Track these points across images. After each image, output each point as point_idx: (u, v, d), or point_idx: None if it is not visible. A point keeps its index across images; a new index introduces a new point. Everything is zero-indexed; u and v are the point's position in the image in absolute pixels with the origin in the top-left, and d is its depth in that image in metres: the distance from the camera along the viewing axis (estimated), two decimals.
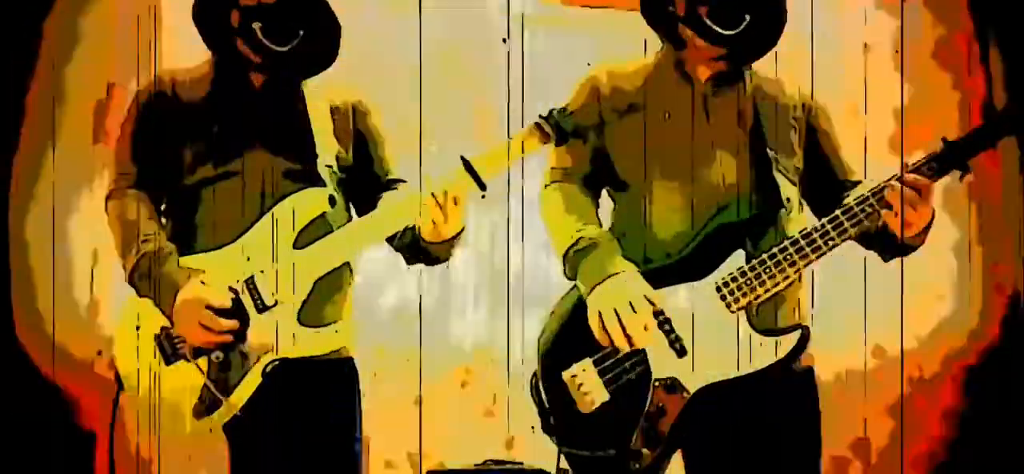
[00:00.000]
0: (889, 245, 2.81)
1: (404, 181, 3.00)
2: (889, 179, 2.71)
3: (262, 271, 2.80)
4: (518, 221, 4.09)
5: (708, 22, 2.75)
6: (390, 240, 2.94)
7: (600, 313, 2.72)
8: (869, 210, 2.71)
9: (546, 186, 2.93)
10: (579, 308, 2.78)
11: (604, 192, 2.96)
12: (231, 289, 2.79)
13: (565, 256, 2.83)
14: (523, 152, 2.77)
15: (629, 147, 2.85)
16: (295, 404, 2.85)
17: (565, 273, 2.84)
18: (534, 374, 2.83)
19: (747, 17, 2.75)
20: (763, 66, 2.90)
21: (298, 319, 2.80)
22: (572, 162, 2.89)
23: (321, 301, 2.85)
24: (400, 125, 3.09)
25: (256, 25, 2.80)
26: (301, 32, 2.81)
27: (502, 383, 4.21)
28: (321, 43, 2.86)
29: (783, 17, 2.80)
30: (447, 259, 2.95)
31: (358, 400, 2.98)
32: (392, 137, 3.04)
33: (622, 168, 2.86)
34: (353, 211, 3.01)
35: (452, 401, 4.24)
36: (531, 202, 3.08)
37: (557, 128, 2.75)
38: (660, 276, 2.76)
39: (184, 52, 3.07)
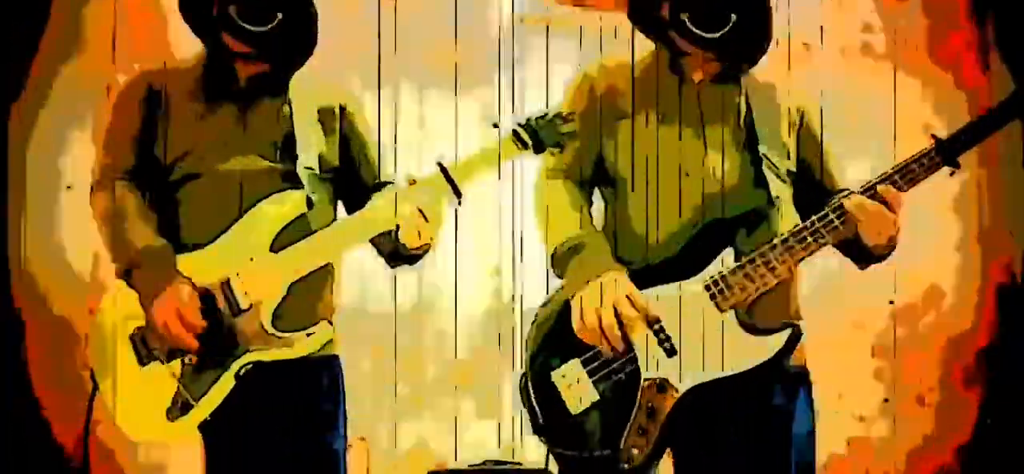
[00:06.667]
0: (861, 253, 2.79)
1: (392, 183, 2.98)
2: (871, 185, 2.69)
3: (238, 274, 2.78)
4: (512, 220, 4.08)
5: (690, 26, 2.74)
6: (374, 243, 2.93)
7: (582, 315, 2.70)
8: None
9: (540, 182, 2.92)
10: (568, 307, 2.76)
11: (596, 190, 2.94)
12: (207, 291, 2.77)
13: (554, 255, 2.82)
14: (500, 160, 2.78)
15: (622, 145, 2.83)
16: (269, 406, 2.83)
17: (554, 272, 2.83)
18: (524, 375, 2.82)
19: (733, 17, 2.73)
20: (758, 67, 2.88)
21: (273, 322, 2.79)
22: (568, 159, 2.88)
23: (297, 304, 2.82)
24: (384, 125, 3.08)
25: (232, 8, 2.79)
26: (279, 14, 2.80)
27: (500, 382, 4.21)
28: (299, 27, 2.84)
29: (769, 16, 2.76)
30: (422, 257, 2.94)
31: (341, 400, 2.96)
32: (375, 137, 3.03)
33: (614, 166, 2.85)
34: (341, 212, 2.99)
35: (451, 401, 4.23)
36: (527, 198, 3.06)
37: (534, 136, 2.76)
38: (650, 274, 2.75)
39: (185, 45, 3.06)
